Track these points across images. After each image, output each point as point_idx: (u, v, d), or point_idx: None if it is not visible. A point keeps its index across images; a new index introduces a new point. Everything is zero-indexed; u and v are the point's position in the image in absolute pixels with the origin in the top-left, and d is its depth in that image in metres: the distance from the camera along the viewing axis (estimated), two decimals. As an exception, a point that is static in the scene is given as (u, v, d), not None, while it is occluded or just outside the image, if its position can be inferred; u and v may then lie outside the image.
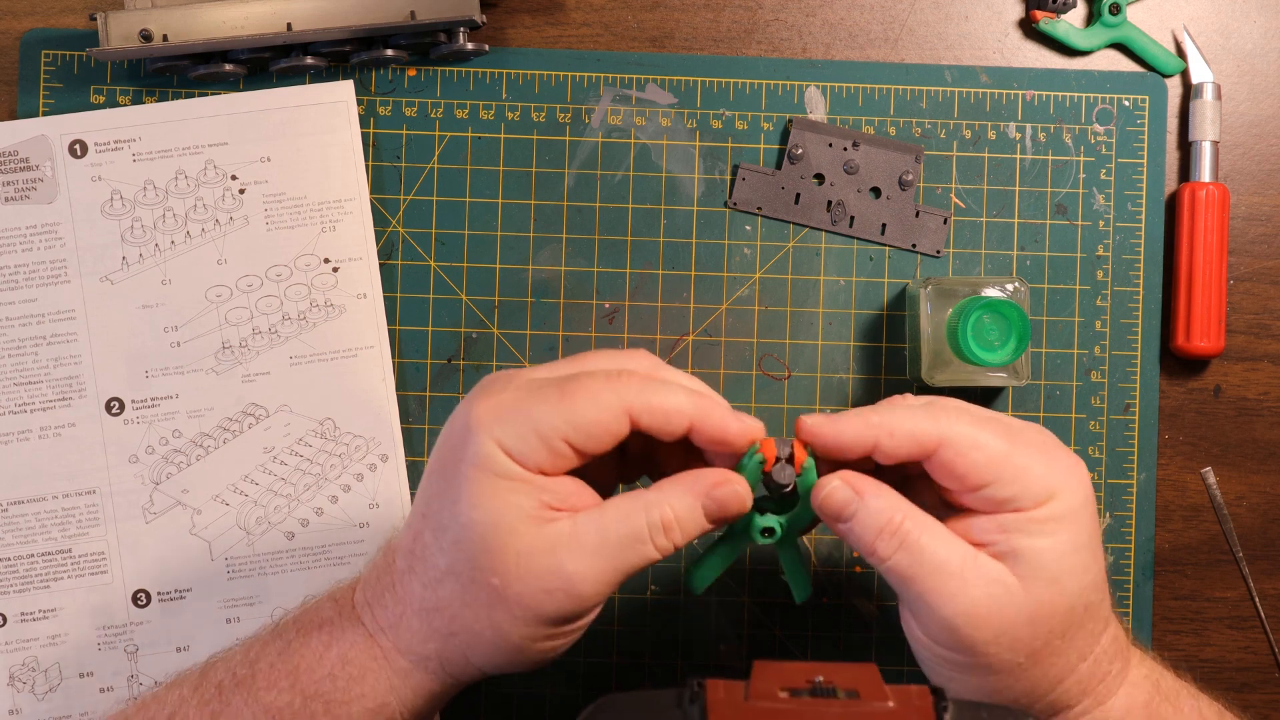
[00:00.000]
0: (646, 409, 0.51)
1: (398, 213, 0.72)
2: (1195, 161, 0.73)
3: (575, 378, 0.52)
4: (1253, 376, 0.74)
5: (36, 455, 0.70)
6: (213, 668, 0.58)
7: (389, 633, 0.55)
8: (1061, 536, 0.53)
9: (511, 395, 0.52)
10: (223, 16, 0.69)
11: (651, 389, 0.52)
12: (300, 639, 0.56)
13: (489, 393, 0.53)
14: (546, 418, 0.51)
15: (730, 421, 0.52)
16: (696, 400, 0.52)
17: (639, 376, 0.52)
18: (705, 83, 0.73)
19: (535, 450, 0.51)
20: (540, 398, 0.51)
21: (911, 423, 0.53)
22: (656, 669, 0.71)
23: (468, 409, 0.52)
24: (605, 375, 0.52)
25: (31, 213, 0.70)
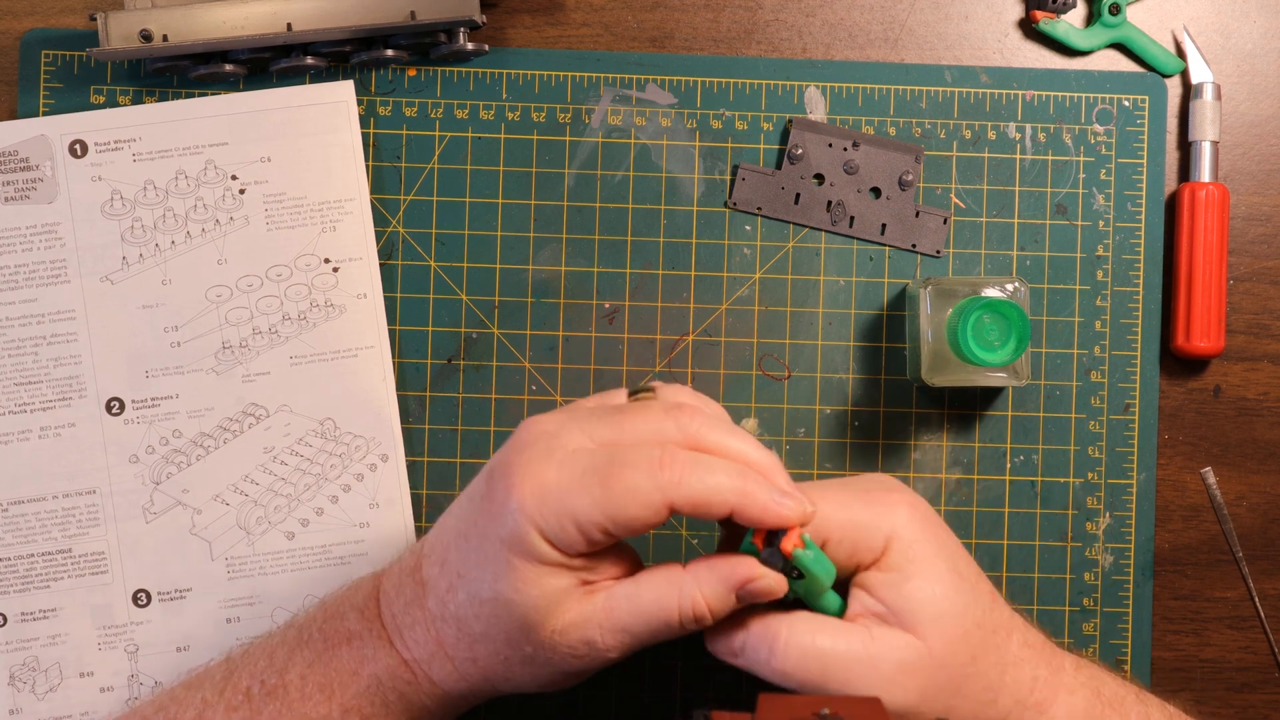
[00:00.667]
0: (689, 501, 0.51)
1: (398, 213, 0.72)
2: (1195, 161, 0.73)
3: (617, 464, 0.51)
4: (1253, 376, 0.74)
5: (36, 455, 0.70)
6: (235, 671, 0.58)
7: (423, 664, 0.56)
8: (916, 577, 0.54)
9: (553, 476, 0.51)
10: (223, 16, 0.69)
11: (696, 476, 0.51)
12: (330, 651, 0.56)
13: (531, 466, 0.51)
14: (586, 511, 0.50)
15: (770, 509, 0.52)
16: (739, 487, 0.51)
17: (682, 462, 0.51)
18: (705, 83, 0.73)
19: (574, 541, 0.51)
20: (582, 487, 0.50)
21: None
22: (655, 669, 0.71)
23: (508, 482, 0.51)
24: (648, 462, 0.51)
25: (31, 213, 0.70)
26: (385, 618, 0.57)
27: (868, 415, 0.73)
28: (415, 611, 0.55)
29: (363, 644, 0.56)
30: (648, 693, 0.71)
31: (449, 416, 0.72)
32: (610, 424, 0.53)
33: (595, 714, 0.71)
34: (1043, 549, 0.73)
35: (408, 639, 0.56)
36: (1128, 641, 0.72)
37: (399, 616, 0.56)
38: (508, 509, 0.51)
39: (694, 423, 0.53)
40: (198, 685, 0.58)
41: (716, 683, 0.72)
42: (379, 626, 0.57)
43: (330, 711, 0.56)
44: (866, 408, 0.73)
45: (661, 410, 0.53)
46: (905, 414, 0.72)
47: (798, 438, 0.72)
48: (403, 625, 0.56)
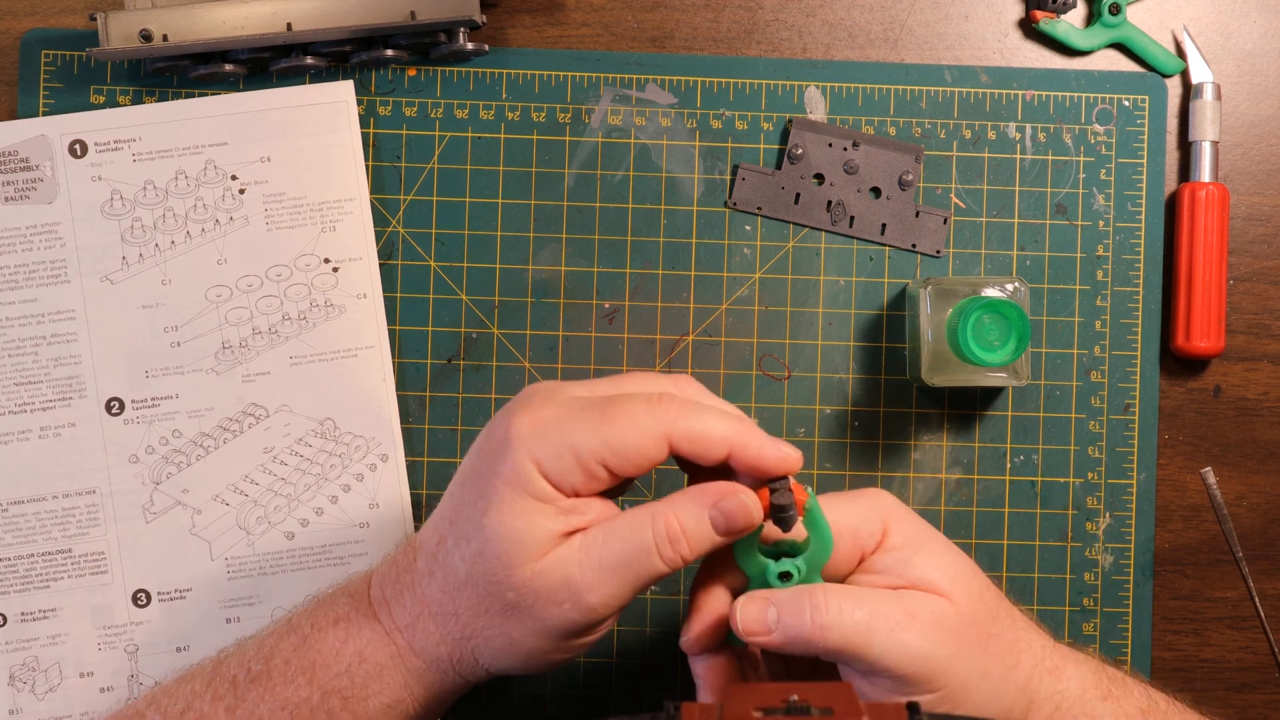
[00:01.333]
0: (686, 435, 0.52)
1: (398, 213, 0.72)
2: (1195, 161, 0.73)
3: (616, 400, 0.52)
4: (1253, 376, 0.74)
5: (36, 455, 0.70)
6: (225, 662, 0.58)
7: (405, 632, 0.56)
8: (923, 548, 0.55)
9: (553, 412, 0.52)
10: (223, 16, 0.69)
11: (692, 414, 0.52)
12: (316, 634, 0.57)
13: (530, 406, 0.53)
14: (585, 440, 0.51)
15: (767, 449, 0.53)
16: (736, 427, 0.52)
17: (679, 402, 0.52)
18: (705, 83, 0.73)
19: (571, 472, 0.51)
20: (581, 418, 0.51)
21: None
22: (656, 669, 0.71)
23: (507, 421, 0.52)
24: (646, 399, 0.52)
25: (31, 213, 0.70)
26: (374, 595, 0.57)
27: (868, 415, 0.73)
28: (405, 577, 0.56)
29: (349, 623, 0.56)
30: (648, 693, 0.71)
31: (449, 416, 0.72)
32: (610, 383, 0.55)
33: (595, 713, 0.71)
34: (1043, 549, 0.73)
35: (394, 607, 0.56)
36: (1128, 641, 0.72)
37: (388, 588, 0.56)
38: (506, 443, 0.52)
39: (691, 388, 0.55)
40: (189, 679, 0.59)
41: (716, 683, 0.71)
42: (366, 604, 0.57)
43: (311, 695, 0.55)
44: (866, 408, 0.73)
45: (660, 374, 0.56)
46: (905, 414, 0.72)
47: (798, 438, 0.72)
48: (390, 596, 0.56)
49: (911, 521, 0.56)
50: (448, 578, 0.54)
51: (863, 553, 0.55)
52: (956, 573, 0.54)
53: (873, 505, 0.55)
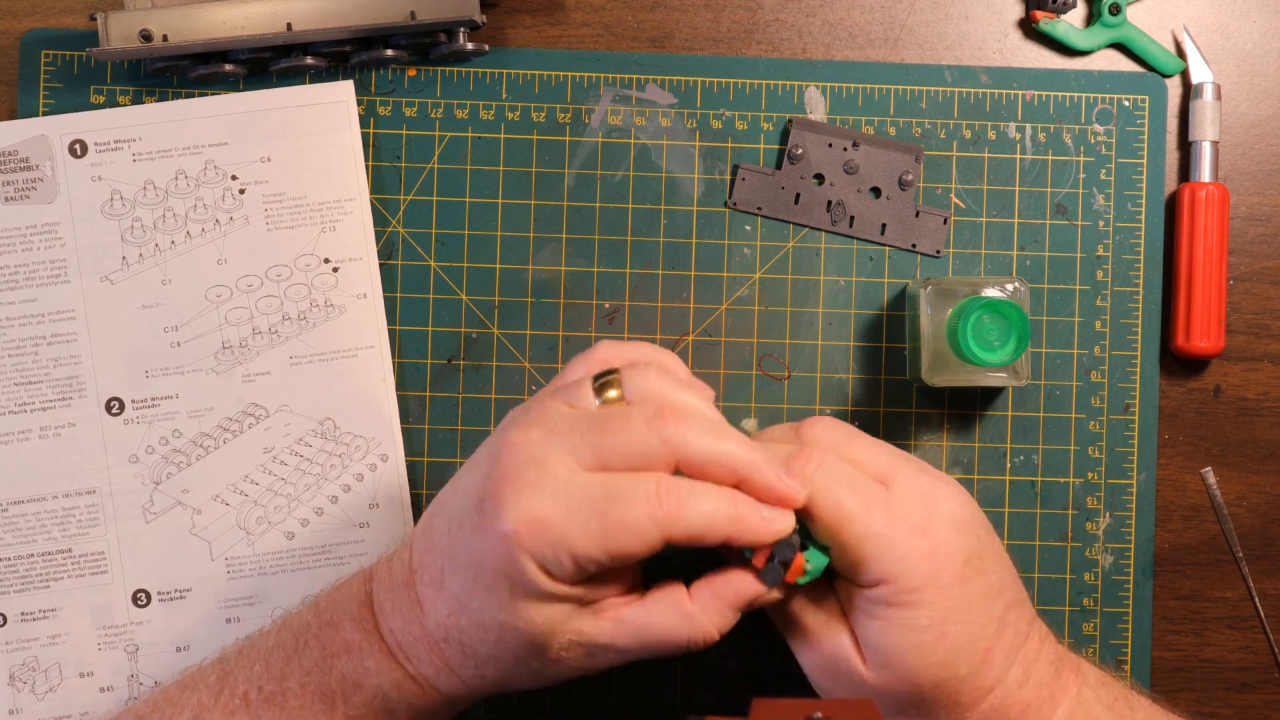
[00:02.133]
0: (685, 535, 0.51)
1: (398, 213, 0.72)
2: (1195, 161, 0.73)
3: (614, 500, 0.50)
4: (1253, 376, 0.74)
5: (36, 455, 0.70)
6: (231, 674, 0.58)
7: (430, 679, 0.56)
8: (896, 620, 0.53)
9: (548, 510, 0.50)
10: (223, 16, 0.69)
11: (691, 509, 0.51)
12: (328, 661, 0.56)
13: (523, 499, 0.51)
14: (584, 547, 0.50)
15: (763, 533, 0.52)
16: (732, 514, 0.52)
17: (677, 497, 0.51)
18: (705, 83, 0.73)
19: (572, 573, 0.51)
20: (579, 522, 0.50)
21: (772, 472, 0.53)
22: (656, 669, 0.71)
23: (500, 517, 0.51)
24: (645, 499, 0.50)
25: (31, 213, 0.70)
26: (384, 632, 0.56)
27: (868, 415, 0.73)
28: (415, 630, 0.55)
29: (363, 656, 0.56)
30: (648, 693, 0.71)
31: (449, 416, 0.72)
32: (594, 446, 0.52)
33: (595, 714, 0.71)
34: (1043, 549, 0.73)
35: (411, 656, 0.56)
36: (1128, 641, 0.72)
37: (399, 633, 0.56)
38: (504, 544, 0.51)
39: (678, 432, 0.52)
40: (193, 686, 0.58)
41: (716, 684, 0.72)
42: (379, 640, 0.56)
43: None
44: (866, 408, 0.73)
45: (643, 423, 0.52)
46: (905, 414, 0.72)
47: (798, 438, 0.72)
48: (404, 642, 0.56)
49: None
50: (467, 652, 0.54)
51: None
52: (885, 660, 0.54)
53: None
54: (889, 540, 0.53)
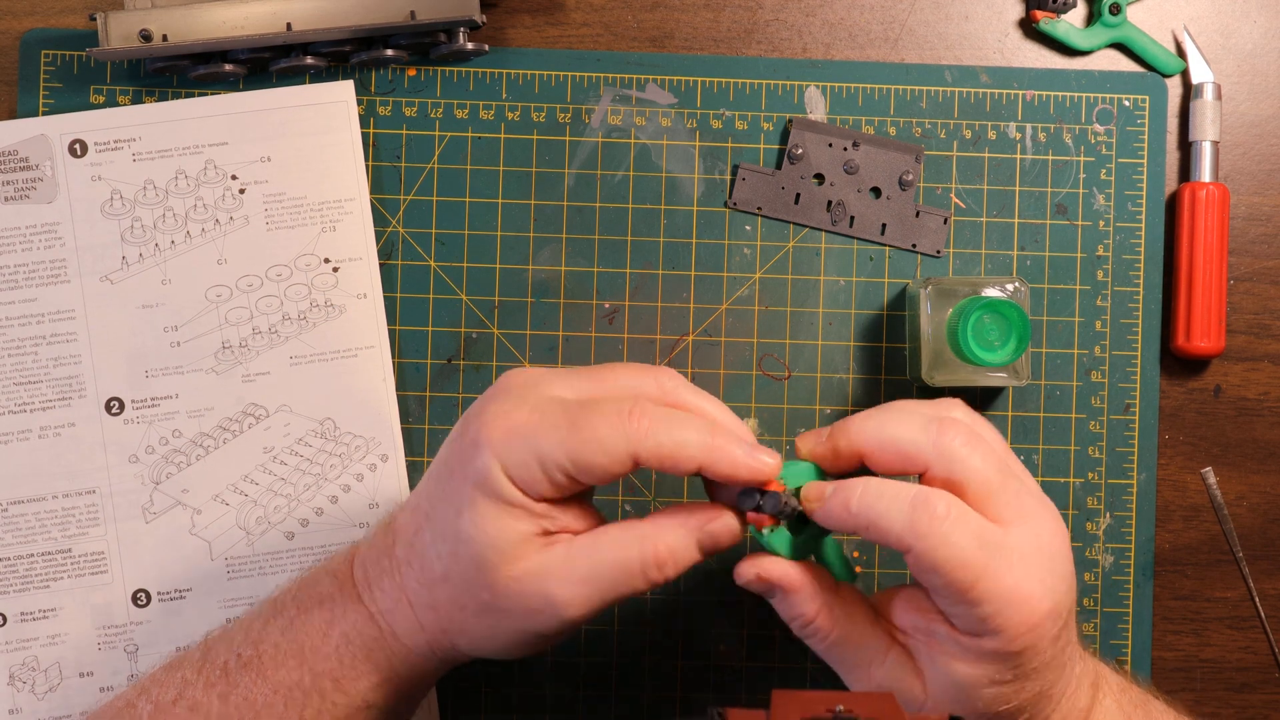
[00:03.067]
0: (654, 454, 0.51)
1: (398, 213, 0.72)
2: (1195, 161, 0.73)
3: (587, 411, 0.51)
4: (1253, 376, 0.74)
5: (36, 455, 0.70)
6: (213, 648, 0.58)
7: (386, 615, 0.56)
8: (982, 669, 0.52)
9: (523, 416, 0.52)
10: (223, 16, 0.69)
11: (663, 429, 0.51)
12: (302, 616, 0.57)
13: (504, 406, 0.52)
14: (550, 451, 0.51)
15: (740, 464, 0.52)
16: (708, 442, 0.51)
17: (651, 416, 0.51)
18: (705, 83, 0.73)
19: (538, 480, 0.51)
20: (550, 427, 0.51)
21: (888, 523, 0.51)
22: (656, 669, 0.71)
23: (479, 422, 0.52)
24: (617, 412, 0.51)
25: (31, 212, 0.70)
26: (357, 575, 0.57)
27: (868, 415, 0.73)
28: (384, 561, 0.56)
29: (333, 604, 0.57)
30: (648, 693, 0.71)
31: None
32: (591, 377, 0.54)
33: (595, 714, 0.71)
34: (1043, 549, 0.72)
35: (375, 591, 0.56)
36: (1128, 641, 0.72)
37: (369, 569, 0.57)
38: (476, 445, 0.52)
39: (672, 381, 0.54)
40: (178, 666, 0.59)
41: (715, 684, 0.72)
42: (350, 584, 0.57)
43: (302, 678, 0.56)
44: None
45: (639, 371, 0.54)
46: (905, 414, 0.72)
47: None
48: (372, 578, 0.56)
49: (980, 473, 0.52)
50: (424, 571, 0.54)
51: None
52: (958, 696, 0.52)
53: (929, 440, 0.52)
54: (1009, 603, 0.51)
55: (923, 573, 0.51)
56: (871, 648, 0.54)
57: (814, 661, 0.72)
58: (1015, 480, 0.53)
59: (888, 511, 0.51)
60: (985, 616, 0.51)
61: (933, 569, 0.50)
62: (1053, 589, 0.52)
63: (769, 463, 0.52)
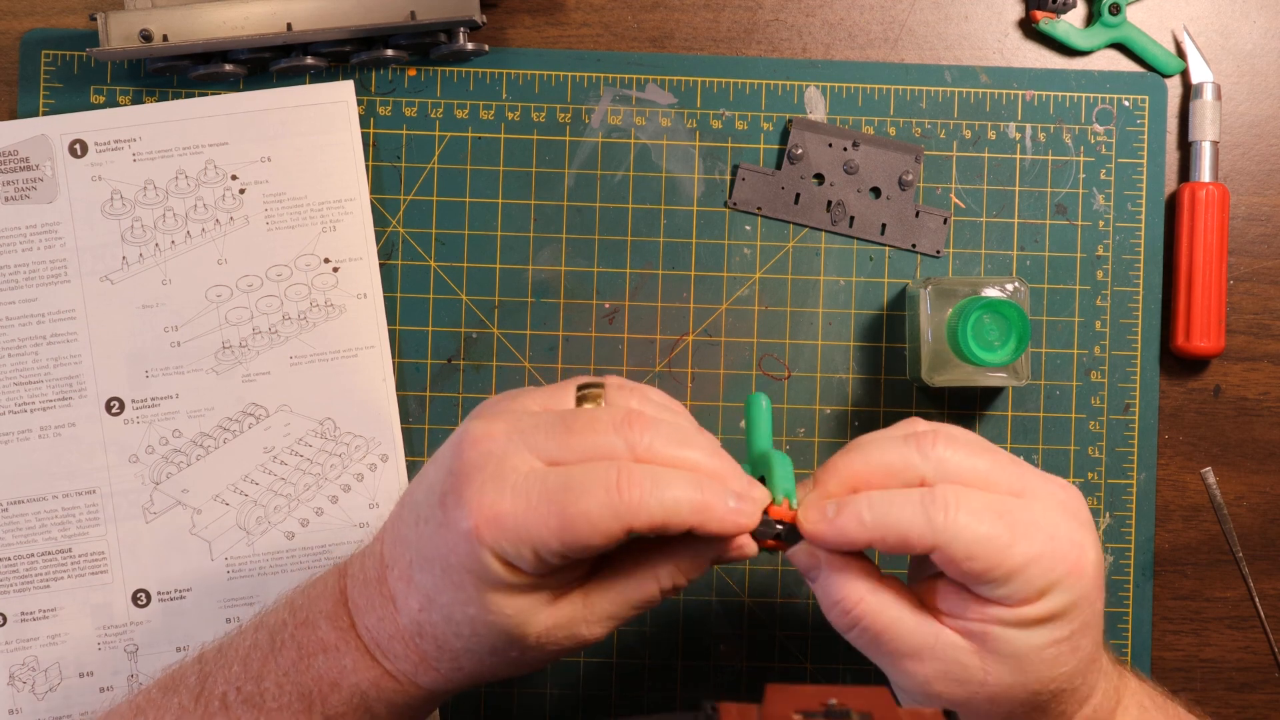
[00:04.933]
0: (647, 525, 0.50)
1: (398, 213, 0.72)
2: (1195, 161, 0.73)
3: (571, 490, 0.49)
4: (1253, 376, 0.74)
5: (36, 455, 0.70)
6: (210, 676, 0.57)
7: (408, 674, 0.56)
8: (1040, 633, 0.52)
9: (507, 505, 0.50)
10: (223, 16, 0.69)
11: (653, 496, 0.50)
12: (305, 661, 0.56)
13: (485, 494, 0.50)
14: (543, 540, 0.49)
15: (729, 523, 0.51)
16: (700, 502, 0.50)
17: (639, 484, 0.50)
18: (705, 83, 0.73)
19: (535, 566, 0.50)
20: (538, 516, 0.49)
21: (905, 527, 0.51)
22: (656, 669, 0.71)
23: (462, 513, 0.50)
24: (604, 487, 0.49)
25: (31, 212, 0.70)
26: (361, 630, 0.56)
27: (868, 415, 0.73)
28: (389, 626, 0.55)
29: (340, 655, 0.56)
30: (648, 693, 0.71)
31: (449, 416, 0.72)
32: (558, 441, 0.51)
33: (595, 714, 0.71)
34: (1043, 549, 0.72)
35: (388, 652, 0.55)
36: (1128, 641, 0.72)
37: (374, 630, 0.55)
38: (466, 540, 0.50)
39: (644, 437, 0.51)
40: (173, 688, 0.58)
41: (715, 683, 0.72)
42: (355, 639, 0.56)
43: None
44: (866, 408, 0.73)
45: (610, 425, 0.51)
46: (905, 414, 0.72)
47: (798, 438, 0.72)
48: (380, 639, 0.55)
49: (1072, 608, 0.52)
50: (442, 646, 0.54)
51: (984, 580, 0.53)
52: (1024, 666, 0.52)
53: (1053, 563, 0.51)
54: (1050, 557, 0.51)
55: (955, 563, 0.51)
56: (921, 633, 0.53)
57: (815, 661, 0.72)
58: (1011, 464, 0.54)
59: (902, 515, 0.51)
60: (1032, 579, 0.51)
61: (966, 556, 0.50)
62: (1085, 537, 0.52)
63: (759, 502, 0.52)
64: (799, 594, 0.72)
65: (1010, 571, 0.51)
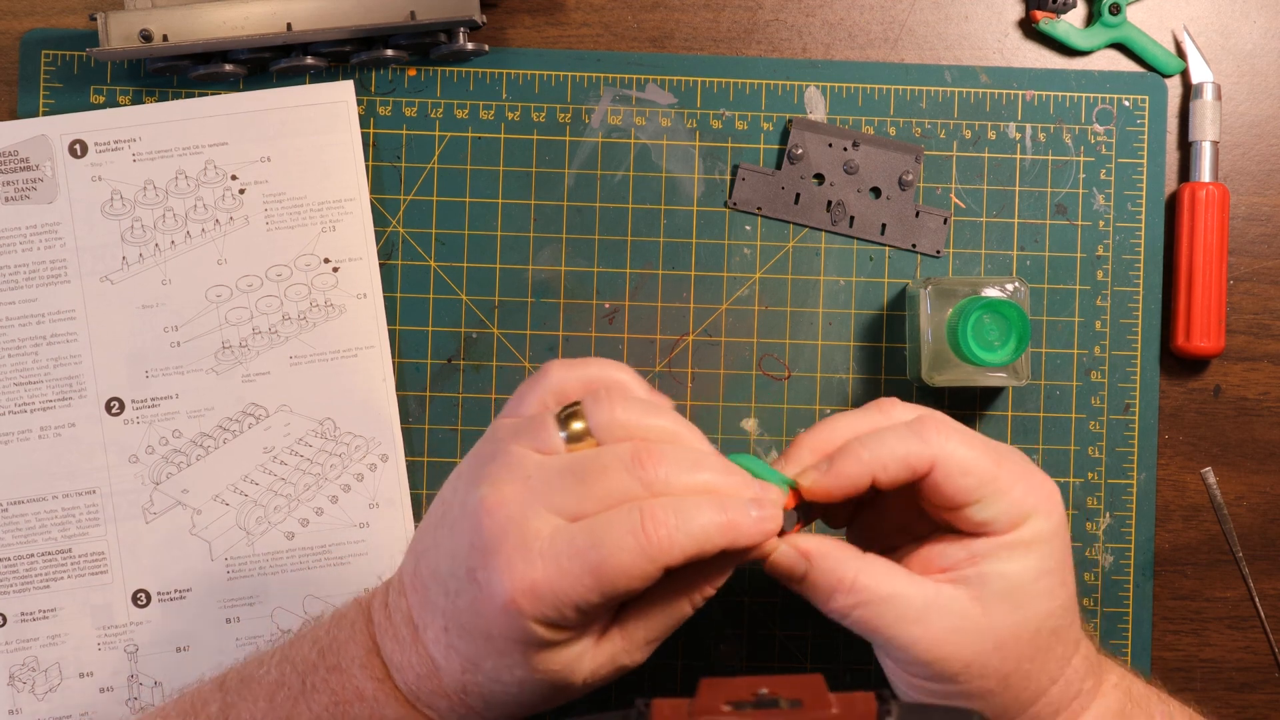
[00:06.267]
0: (681, 559, 0.50)
1: (398, 213, 0.72)
2: (1195, 161, 0.73)
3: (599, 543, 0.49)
4: (1253, 376, 0.74)
5: (36, 455, 0.70)
6: (234, 709, 0.56)
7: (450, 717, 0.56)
8: (1029, 561, 0.54)
9: (540, 573, 0.49)
10: (223, 16, 0.69)
11: (680, 530, 0.50)
12: (341, 709, 0.55)
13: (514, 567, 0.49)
14: (583, 598, 0.49)
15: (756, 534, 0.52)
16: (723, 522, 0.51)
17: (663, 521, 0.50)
18: (705, 83, 0.73)
19: (579, 621, 0.51)
20: (573, 577, 0.49)
21: (904, 450, 0.53)
22: (656, 669, 0.71)
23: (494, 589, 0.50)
24: (631, 533, 0.49)
25: (31, 213, 0.70)
26: (400, 684, 0.55)
27: (868, 415, 0.73)
28: (431, 684, 0.54)
29: (380, 706, 0.55)
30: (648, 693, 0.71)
31: (449, 416, 0.72)
32: (574, 495, 0.51)
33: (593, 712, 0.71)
34: (1043, 549, 0.72)
35: (434, 706, 0.55)
36: (1128, 641, 0.72)
37: (414, 687, 0.55)
38: (506, 614, 0.50)
39: (659, 472, 0.51)
40: (193, 714, 0.57)
41: (716, 683, 0.71)
42: (394, 690, 0.55)
43: None
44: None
45: (621, 466, 0.51)
46: (905, 414, 0.72)
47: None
48: (422, 695, 0.55)
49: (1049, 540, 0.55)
50: (490, 702, 0.54)
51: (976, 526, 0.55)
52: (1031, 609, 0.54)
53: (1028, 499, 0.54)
54: (1031, 482, 0.54)
55: (951, 480, 0.53)
56: (922, 592, 0.54)
57: (815, 661, 0.72)
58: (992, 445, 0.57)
59: (898, 443, 0.54)
60: (1016, 500, 0.54)
61: (962, 471, 0.53)
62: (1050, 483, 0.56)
63: (777, 504, 0.53)
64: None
65: (1000, 489, 0.53)
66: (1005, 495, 0.54)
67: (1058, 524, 0.55)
